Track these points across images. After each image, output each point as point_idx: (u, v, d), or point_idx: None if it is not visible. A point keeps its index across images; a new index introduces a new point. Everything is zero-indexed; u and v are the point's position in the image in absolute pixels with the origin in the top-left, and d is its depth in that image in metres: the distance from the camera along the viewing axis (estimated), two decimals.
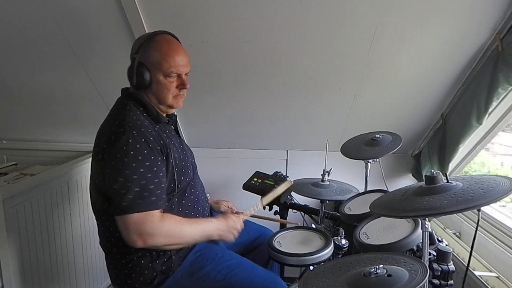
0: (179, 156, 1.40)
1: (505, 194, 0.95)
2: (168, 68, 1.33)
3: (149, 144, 1.26)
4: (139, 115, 1.33)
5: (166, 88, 1.36)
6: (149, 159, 1.25)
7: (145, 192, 1.23)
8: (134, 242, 1.23)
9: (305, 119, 2.29)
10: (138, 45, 1.35)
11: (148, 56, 1.33)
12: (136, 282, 1.33)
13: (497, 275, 1.69)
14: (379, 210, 1.12)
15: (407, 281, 0.91)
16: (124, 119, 1.29)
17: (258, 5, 1.63)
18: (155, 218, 1.24)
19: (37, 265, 1.79)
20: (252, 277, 1.40)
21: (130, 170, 1.22)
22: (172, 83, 1.36)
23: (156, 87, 1.36)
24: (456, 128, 1.96)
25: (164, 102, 1.39)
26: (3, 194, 1.57)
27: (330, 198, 1.75)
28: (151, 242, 1.24)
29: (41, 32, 1.82)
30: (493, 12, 1.59)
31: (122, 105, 1.36)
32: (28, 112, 2.38)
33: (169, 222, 1.28)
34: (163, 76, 1.34)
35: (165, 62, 1.32)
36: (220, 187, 2.54)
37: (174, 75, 1.35)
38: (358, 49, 1.80)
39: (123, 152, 1.22)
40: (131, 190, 1.21)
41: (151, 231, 1.23)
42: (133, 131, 1.25)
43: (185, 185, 1.42)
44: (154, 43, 1.34)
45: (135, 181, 1.22)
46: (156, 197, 1.25)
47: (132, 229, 1.22)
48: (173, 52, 1.34)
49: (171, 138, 1.42)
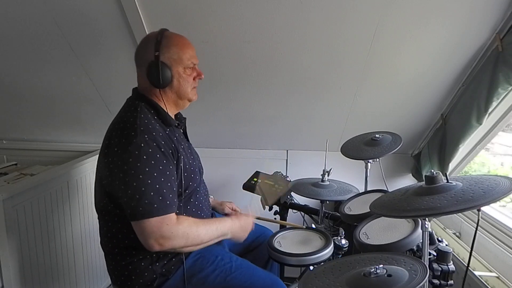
0: (188, 161, 1.40)
1: (505, 194, 0.94)
2: (188, 59, 1.38)
3: (161, 148, 1.26)
4: (150, 118, 1.32)
5: (187, 81, 1.40)
6: (162, 163, 1.25)
7: (160, 196, 1.22)
8: (151, 246, 1.22)
9: (305, 119, 2.29)
10: (154, 44, 1.34)
11: (167, 52, 1.34)
12: (136, 284, 1.33)
13: (497, 275, 1.69)
14: (379, 210, 1.12)
15: (407, 281, 0.91)
16: (135, 122, 1.27)
17: (258, 5, 1.63)
18: (171, 221, 1.23)
19: (37, 265, 1.79)
20: (252, 279, 1.39)
21: (143, 175, 1.21)
22: (190, 75, 1.41)
23: (177, 82, 1.38)
24: (456, 128, 1.96)
25: (184, 96, 1.42)
26: (3, 194, 1.57)
27: (330, 198, 1.75)
28: (168, 245, 1.23)
29: (41, 32, 1.82)
30: (493, 12, 1.59)
31: (133, 107, 1.35)
32: (28, 112, 2.38)
33: (185, 224, 1.27)
34: (183, 69, 1.38)
35: (184, 55, 1.37)
36: (220, 187, 2.54)
37: (192, 65, 1.40)
38: (358, 49, 1.80)
39: (136, 156, 1.21)
40: (146, 195, 1.20)
41: (168, 234, 1.22)
42: (145, 135, 1.25)
43: (191, 191, 1.41)
44: (169, 39, 1.36)
45: (150, 185, 1.21)
46: (170, 201, 1.24)
47: (150, 234, 1.21)
48: (187, 45, 1.40)
49: (181, 142, 1.41)
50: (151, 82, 1.36)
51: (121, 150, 1.24)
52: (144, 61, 1.35)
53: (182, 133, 1.52)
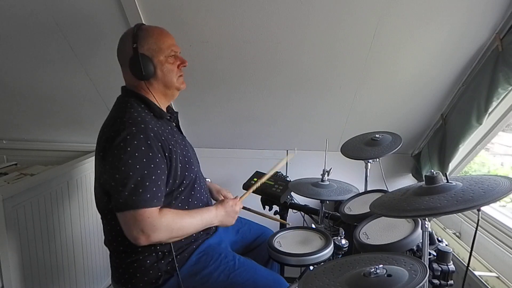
0: (182, 152, 1.40)
1: (505, 194, 0.94)
2: (167, 48, 1.39)
3: (147, 140, 1.26)
4: (140, 112, 1.33)
5: (171, 70, 1.41)
6: (147, 156, 1.25)
7: (139, 188, 1.22)
8: (136, 239, 1.22)
9: (305, 119, 2.29)
10: (131, 38, 1.36)
11: (145, 44, 1.35)
12: (141, 282, 1.34)
13: (497, 275, 1.69)
14: (379, 210, 1.12)
15: (407, 281, 0.91)
16: (124, 116, 1.29)
17: (258, 5, 1.63)
18: (153, 214, 1.24)
19: (37, 265, 1.79)
20: (255, 277, 1.40)
21: (126, 167, 1.22)
22: (173, 63, 1.41)
23: (161, 72, 1.39)
24: (456, 128, 1.96)
25: (171, 85, 1.42)
26: (3, 194, 1.57)
27: (330, 198, 1.75)
28: (153, 238, 1.24)
29: (41, 32, 1.82)
30: (493, 12, 1.59)
31: (123, 103, 1.37)
32: (28, 112, 2.37)
33: (168, 216, 1.28)
34: (165, 59, 1.38)
35: (163, 44, 1.38)
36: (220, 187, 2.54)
37: (173, 54, 1.41)
38: (358, 49, 1.80)
39: (120, 148, 1.23)
40: (127, 187, 1.21)
41: (151, 227, 1.22)
42: (133, 128, 1.26)
43: (191, 181, 1.42)
44: (145, 31, 1.37)
45: (131, 178, 1.21)
46: (151, 194, 1.24)
47: (132, 226, 1.22)
48: (165, 34, 1.41)
49: (173, 135, 1.42)
50: (135, 75, 1.37)
51: (108, 143, 1.26)
52: (126, 57, 1.37)
53: (175, 126, 1.52)
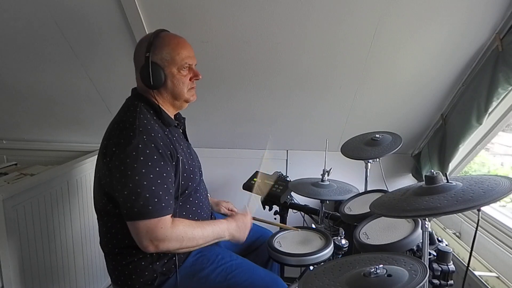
0: (187, 161, 1.40)
1: (505, 194, 0.94)
2: (181, 60, 1.36)
3: (159, 149, 1.26)
4: (150, 119, 1.33)
5: (182, 82, 1.38)
6: (159, 165, 1.25)
7: (155, 198, 1.22)
8: (146, 247, 1.23)
9: (305, 119, 2.29)
10: (146, 45, 1.34)
11: (159, 53, 1.34)
12: (137, 283, 1.33)
13: (497, 275, 1.69)
14: (379, 210, 1.12)
15: (407, 281, 0.91)
16: (134, 122, 1.28)
17: (258, 5, 1.63)
18: (166, 224, 1.24)
19: (37, 265, 1.79)
20: (252, 278, 1.40)
21: (140, 176, 1.21)
22: (185, 76, 1.39)
23: (171, 83, 1.37)
24: (456, 128, 1.96)
25: (180, 96, 1.41)
26: (3, 194, 1.57)
27: (330, 198, 1.75)
28: (163, 247, 1.24)
29: (41, 32, 1.82)
30: (493, 12, 1.59)
31: (132, 107, 1.35)
32: (28, 112, 2.38)
33: (180, 227, 1.28)
34: (177, 70, 1.37)
35: (178, 55, 1.35)
36: (220, 187, 2.54)
37: (187, 66, 1.38)
38: (358, 49, 1.80)
39: (133, 157, 1.22)
40: (141, 196, 1.21)
41: (163, 237, 1.23)
42: (143, 136, 1.25)
43: (190, 190, 1.41)
44: (162, 39, 1.35)
45: (145, 187, 1.21)
46: (165, 203, 1.24)
47: (144, 235, 1.22)
48: (182, 45, 1.38)
49: (180, 142, 1.41)
50: (144, 83, 1.36)
51: (119, 150, 1.24)
52: (138, 63, 1.36)
53: (182, 133, 1.51)
